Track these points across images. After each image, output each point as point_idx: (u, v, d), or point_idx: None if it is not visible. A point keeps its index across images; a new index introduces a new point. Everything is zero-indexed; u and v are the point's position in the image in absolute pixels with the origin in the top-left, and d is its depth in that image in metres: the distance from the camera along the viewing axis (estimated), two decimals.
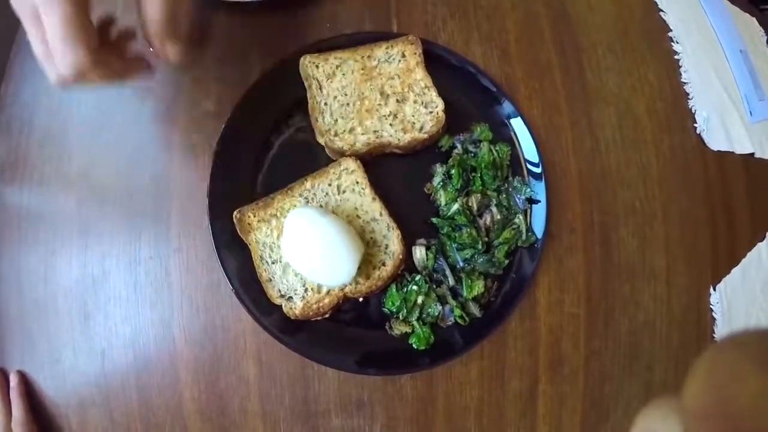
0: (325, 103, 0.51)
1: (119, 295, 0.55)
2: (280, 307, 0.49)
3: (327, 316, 0.49)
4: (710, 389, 0.20)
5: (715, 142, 0.64)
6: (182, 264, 0.54)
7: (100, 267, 0.55)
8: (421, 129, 0.52)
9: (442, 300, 0.51)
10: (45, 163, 0.58)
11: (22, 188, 0.58)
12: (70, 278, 0.56)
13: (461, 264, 0.52)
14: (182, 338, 0.53)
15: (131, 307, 0.54)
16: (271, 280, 0.48)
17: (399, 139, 0.51)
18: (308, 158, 0.53)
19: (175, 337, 0.54)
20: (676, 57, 0.65)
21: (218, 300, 0.53)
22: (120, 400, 0.54)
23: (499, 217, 0.52)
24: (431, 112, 0.52)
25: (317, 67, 0.51)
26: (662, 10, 0.67)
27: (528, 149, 0.55)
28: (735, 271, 0.62)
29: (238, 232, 0.49)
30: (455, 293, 0.51)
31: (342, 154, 0.50)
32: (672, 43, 0.66)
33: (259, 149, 0.53)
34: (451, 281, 0.51)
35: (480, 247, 0.51)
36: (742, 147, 0.64)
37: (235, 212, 0.49)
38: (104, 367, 0.55)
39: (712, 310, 0.60)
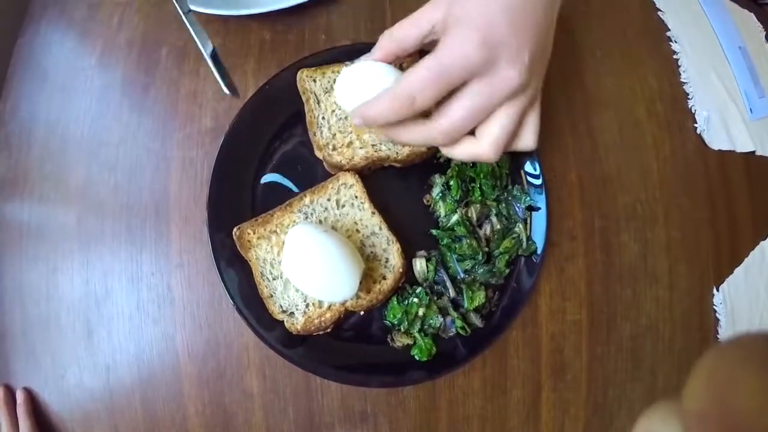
0: (323, 118, 0.50)
1: (122, 311, 0.55)
2: (282, 322, 0.49)
3: (329, 330, 0.49)
4: (710, 389, 0.20)
5: (716, 141, 0.63)
6: (184, 280, 0.54)
7: (102, 283, 0.55)
8: None
9: (443, 311, 0.50)
10: (44, 180, 0.58)
11: (23, 205, 0.58)
12: (73, 295, 0.56)
13: (462, 275, 0.51)
14: (185, 353, 0.53)
15: (134, 323, 0.54)
16: (272, 296, 0.48)
17: (397, 153, 0.50)
18: (306, 172, 0.53)
19: (179, 353, 0.54)
20: (675, 57, 0.65)
21: (220, 315, 0.53)
22: (125, 416, 0.54)
23: (498, 226, 0.52)
24: None
25: (314, 81, 0.51)
26: (660, 10, 0.66)
27: (527, 156, 0.54)
28: (738, 270, 0.61)
29: (238, 248, 0.49)
30: (456, 304, 0.51)
31: (340, 168, 0.50)
32: (671, 43, 0.65)
33: (257, 164, 0.52)
34: (452, 293, 0.50)
35: (480, 257, 0.51)
36: (743, 145, 0.64)
37: (234, 229, 0.48)
38: (109, 383, 0.55)
39: (715, 311, 0.60)
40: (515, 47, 0.37)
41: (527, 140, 0.41)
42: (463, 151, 0.40)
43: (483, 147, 0.39)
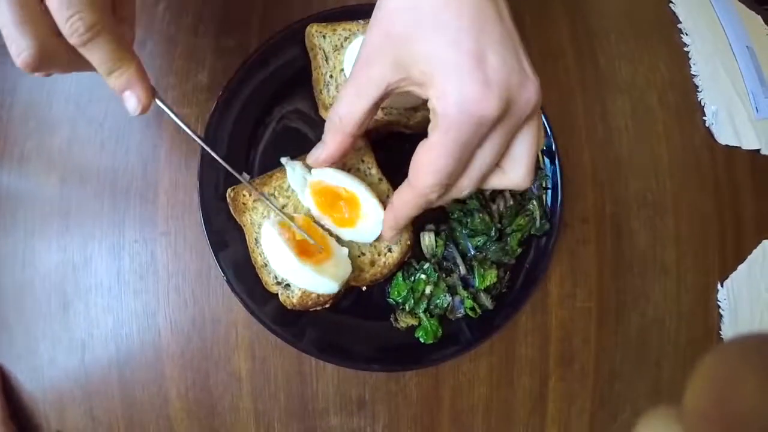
0: (331, 75, 0.44)
1: (101, 282, 0.47)
2: (275, 296, 0.41)
3: (327, 306, 0.41)
4: (710, 390, 0.19)
5: (724, 136, 0.59)
6: (169, 248, 0.46)
7: (82, 251, 0.47)
8: None
9: (452, 290, 0.44)
10: (27, 138, 0.50)
11: (2, 165, 0.50)
12: (50, 263, 0.48)
13: (472, 252, 0.45)
14: (168, 330, 0.46)
15: (114, 295, 0.47)
16: (266, 265, 0.41)
17: (408, 118, 0.44)
18: (309, 134, 0.46)
19: (161, 329, 0.46)
20: (685, 49, 0.60)
21: (208, 288, 0.46)
22: (101, 397, 0.47)
23: (512, 202, 0.46)
24: None
25: (324, 37, 0.44)
26: (672, 2, 0.62)
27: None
28: (741, 267, 0.57)
29: (232, 212, 0.41)
30: (466, 283, 0.45)
31: None
32: (681, 36, 0.61)
33: (256, 124, 0.45)
34: (463, 270, 0.44)
35: (493, 234, 0.44)
36: (749, 143, 0.60)
37: (228, 190, 0.41)
38: (84, 361, 0.47)
39: (719, 306, 0.55)
40: (514, 55, 0.28)
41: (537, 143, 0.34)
42: (491, 186, 0.34)
43: (516, 180, 0.32)
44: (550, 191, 0.47)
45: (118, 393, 0.46)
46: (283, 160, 0.41)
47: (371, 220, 0.39)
